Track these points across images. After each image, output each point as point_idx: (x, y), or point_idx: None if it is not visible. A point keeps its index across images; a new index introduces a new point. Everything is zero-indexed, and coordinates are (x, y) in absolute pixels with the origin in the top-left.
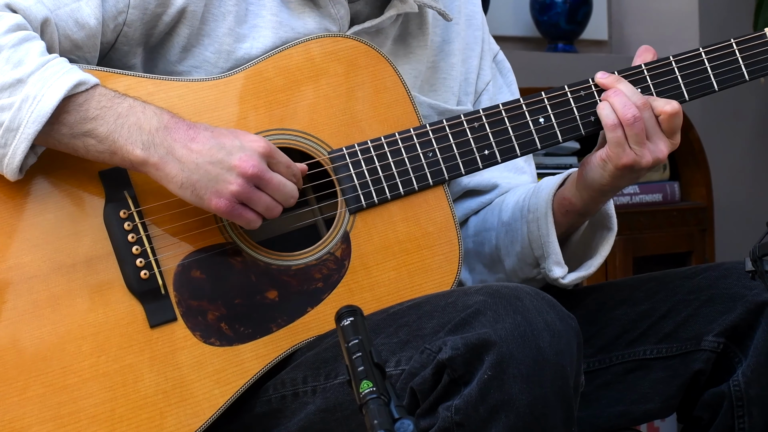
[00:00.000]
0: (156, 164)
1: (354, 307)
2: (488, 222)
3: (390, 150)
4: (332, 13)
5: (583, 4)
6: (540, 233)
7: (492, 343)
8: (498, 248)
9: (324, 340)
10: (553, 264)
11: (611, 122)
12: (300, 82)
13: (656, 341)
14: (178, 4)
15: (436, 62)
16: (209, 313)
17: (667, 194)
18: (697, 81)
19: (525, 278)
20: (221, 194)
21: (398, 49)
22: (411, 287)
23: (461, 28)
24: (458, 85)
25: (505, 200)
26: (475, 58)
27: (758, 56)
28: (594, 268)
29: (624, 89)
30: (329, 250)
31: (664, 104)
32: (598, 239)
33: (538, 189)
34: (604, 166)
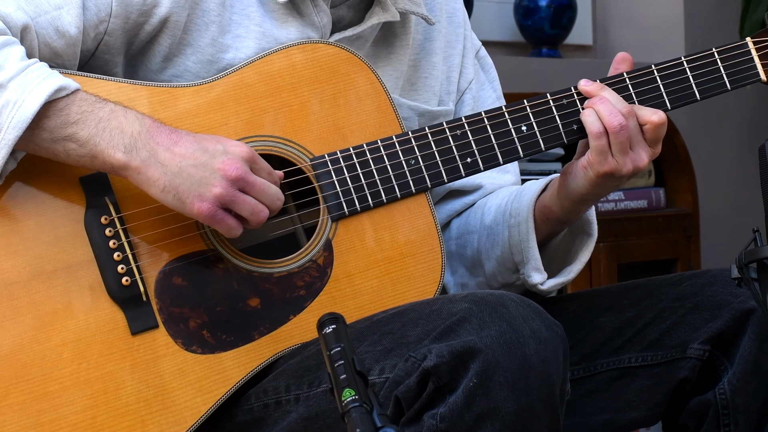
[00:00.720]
0: (137, 168)
1: (336, 314)
2: (471, 224)
3: (372, 157)
4: (315, 21)
5: (567, 8)
6: (520, 238)
7: (477, 351)
8: (479, 251)
9: (307, 348)
10: (532, 270)
11: (596, 130)
12: (281, 89)
13: (641, 349)
14: (160, 13)
15: (417, 61)
16: (191, 321)
17: (653, 200)
18: (679, 90)
19: (504, 283)
20: (204, 197)
21: (380, 51)
22: (394, 295)
23: (442, 26)
24: (439, 84)
25: (487, 203)
26: (457, 56)
27: (740, 65)
28: (573, 275)
29: (609, 97)
30: (311, 257)
31: (651, 114)
32: (578, 245)
33: (521, 194)
34: (586, 173)
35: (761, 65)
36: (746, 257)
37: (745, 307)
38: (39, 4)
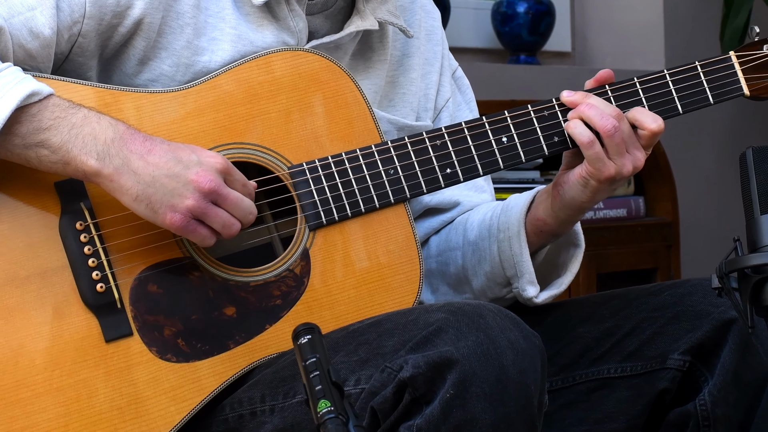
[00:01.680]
0: (110, 175)
1: (311, 324)
2: (452, 241)
3: (351, 166)
4: (291, 25)
5: (545, 15)
6: (512, 252)
7: (454, 362)
8: (465, 268)
9: (282, 359)
10: (527, 283)
11: (586, 140)
12: (260, 96)
13: (620, 359)
14: (134, 15)
15: (395, 77)
16: (166, 329)
17: (632, 209)
18: (662, 104)
19: (494, 297)
20: (176, 209)
21: (358, 64)
22: (371, 306)
23: (421, 42)
24: (417, 101)
25: (469, 219)
26: (435, 74)
27: (723, 79)
28: (565, 286)
29: (596, 102)
30: (288, 266)
31: (651, 121)
32: (565, 256)
33: (507, 207)
34: (586, 183)
35: (744, 79)
36: (727, 267)
37: (725, 317)
38: (12, 5)
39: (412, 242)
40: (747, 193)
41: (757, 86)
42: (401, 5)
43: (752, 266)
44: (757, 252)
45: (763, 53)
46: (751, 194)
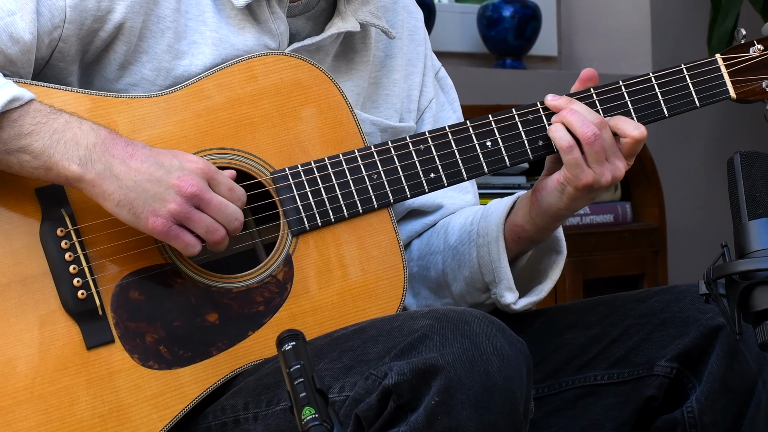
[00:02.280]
0: (92, 180)
1: (296, 331)
2: (433, 245)
3: (334, 171)
4: (272, 28)
5: (531, 19)
6: (491, 258)
7: (439, 368)
8: (445, 272)
9: (265, 366)
10: (505, 290)
11: (566, 144)
12: (242, 101)
13: (607, 366)
14: (115, 20)
15: (379, 78)
16: (148, 336)
17: (619, 215)
18: (647, 107)
19: (473, 303)
20: (158, 213)
21: (340, 65)
22: (355, 312)
23: (404, 43)
24: (400, 102)
25: (450, 223)
26: (418, 75)
27: (709, 83)
28: (545, 293)
29: (579, 108)
30: (271, 272)
31: (633, 129)
32: (546, 263)
33: (488, 213)
34: (563, 189)
35: (731, 82)
36: (714, 273)
37: (713, 323)
38: None
39: (396, 248)
40: (735, 198)
41: (744, 89)
42: (383, 5)
43: (740, 272)
44: (744, 258)
45: (749, 56)
46: (738, 200)
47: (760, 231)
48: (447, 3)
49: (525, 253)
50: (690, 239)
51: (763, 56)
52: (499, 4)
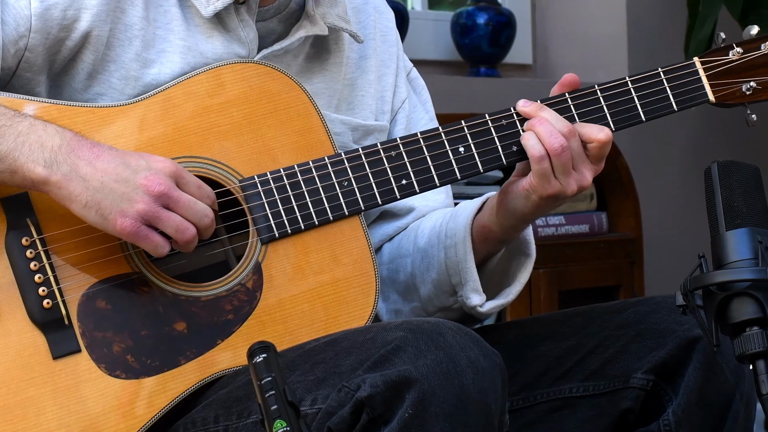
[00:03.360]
0: (58, 182)
1: (267, 343)
2: (403, 248)
3: (303, 178)
4: (241, 36)
5: (506, 26)
6: (458, 259)
7: (413, 381)
8: (413, 275)
9: (236, 378)
10: (471, 291)
11: (537, 154)
12: (210, 109)
13: (583, 378)
14: (81, 28)
15: (354, 79)
16: (115, 345)
17: (594, 225)
18: (624, 111)
19: (441, 307)
20: (126, 214)
21: (313, 66)
22: (325, 320)
23: (377, 44)
24: (375, 103)
25: (420, 225)
26: (391, 75)
27: (687, 86)
28: (513, 296)
29: (549, 117)
30: (240, 281)
31: (597, 132)
32: (515, 266)
33: (456, 213)
34: (528, 196)
35: (709, 86)
36: (691, 284)
37: (690, 335)
38: None
39: (368, 255)
40: (712, 208)
41: (723, 92)
42: (354, 6)
43: (717, 283)
44: (722, 269)
45: (728, 59)
46: (716, 210)
47: (737, 241)
48: (420, 10)
49: (494, 254)
50: (667, 250)
51: (743, 59)
52: (473, 11)
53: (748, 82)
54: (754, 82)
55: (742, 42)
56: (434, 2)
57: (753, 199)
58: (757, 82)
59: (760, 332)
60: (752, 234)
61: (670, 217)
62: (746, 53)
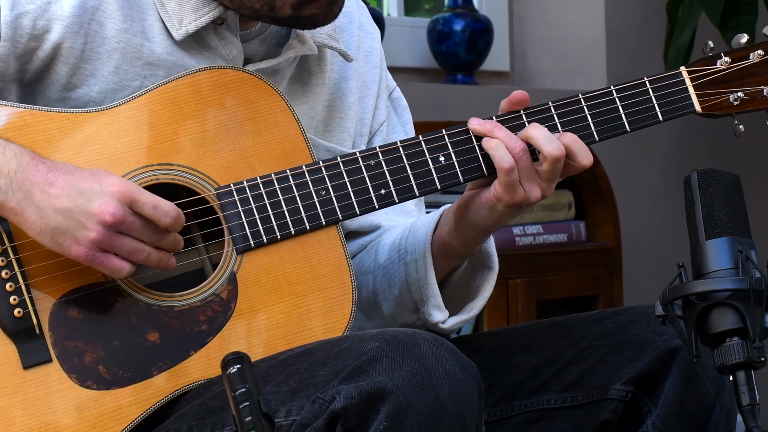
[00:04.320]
0: (13, 209)
1: (241, 354)
2: (365, 265)
3: (280, 187)
4: (224, 54)
5: (483, 33)
6: (418, 276)
7: (388, 392)
8: (375, 293)
9: (210, 389)
10: (433, 308)
11: (508, 165)
12: (187, 115)
13: (561, 390)
14: (52, 39)
15: (333, 101)
16: (86, 355)
17: (573, 234)
18: (608, 121)
19: (404, 324)
20: (80, 242)
21: (296, 89)
22: (301, 332)
23: (359, 65)
24: (354, 126)
25: (381, 241)
26: (372, 98)
27: (673, 96)
28: (476, 311)
29: (503, 134)
30: (214, 291)
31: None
32: (479, 279)
33: (415, 228)
34: (493, 207)
35: (696, 96)
36: (671, 294)
37: (669, 346)
38: None
39: (345, 266)
40: (692, 217)
41: (710, 102)
42: (338, 26)
43: (697, 293)
44: (702, 278)
45: (716, 68)
46: (696, 219)
47: (717, 251)
48: (396, 17)
49: (457, 269)
50: (646, 259)
51: (731, 69)
52: (449, 17)
53: (736, 92)
54: (742, 93)
55: (731, 51)
56: (410, 8)
57: (733, 208)
58: (745, 93)
59: (740, 343)
60: (732, 243)
61: (650, 227)
62: (734, 63)
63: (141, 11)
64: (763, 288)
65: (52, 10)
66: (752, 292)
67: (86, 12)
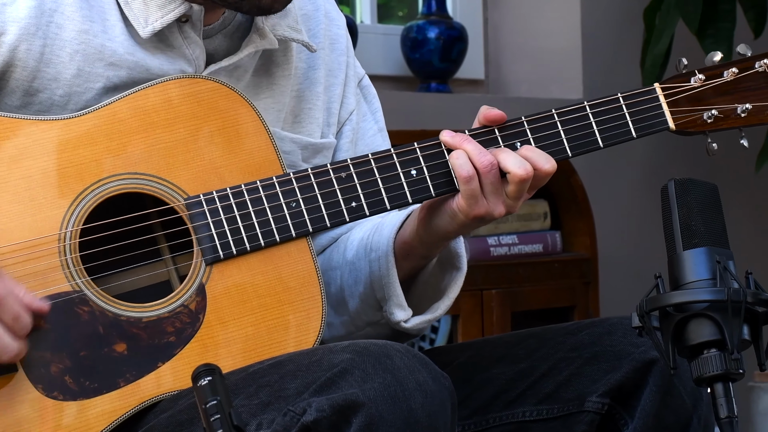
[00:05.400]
0: None
1: (212, 365)
2: (333, 260)
3: (250, 198)
4: (187, 53)
5: (457, 41)
6: (381, 274)
7: (360, 404)
8: (342, 289)
9: (178, 401)
10: (395, 306)
11: (466, 174)
12: (156, 125)
13: (536, 402)
14: (8, 42)
15: (301, 91)
16: (53, 365)
17: (548, 244)
18: (581, 137)
19: (369, 322)
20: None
21: (261, 81)
22: (270, 344)
23: (325, 53)
24: (322, 116)
25: (350, 236)
26: (339, 86)
27: (647, 113)
28: (441, 311)
29: (471, 147)
30: (183, 302)
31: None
32: (447, 280)
33: (381, 226)
34: (454, 216)
35: (670, 113)
36: (648, 305)
37: (646, 357)
38: None
39: (315, 278)
40: (669, 227)
41: (683, 120)
42: (304, 13)
43: (674, 304)
44: (679, 289)
45: (690, 86)
46: (673, 229)
47: (695, 261)
48: (369, 24)
49: (422, 268)
50: (622, 270)
51: (705, 86)
52: (423, 25)
53: (709, 110)
54: (716, 110)
55: (705, 68)
56: (384, 16)
57: (711, 218)
58: (719, 110)
59: (718, 354)
60: (710, 254)
61: (626, 237)
62: (708, 80)
63: (102, 11)
64: (741, 299)
65: (8, 12)
66: (730, 303)
67: (43, 14)
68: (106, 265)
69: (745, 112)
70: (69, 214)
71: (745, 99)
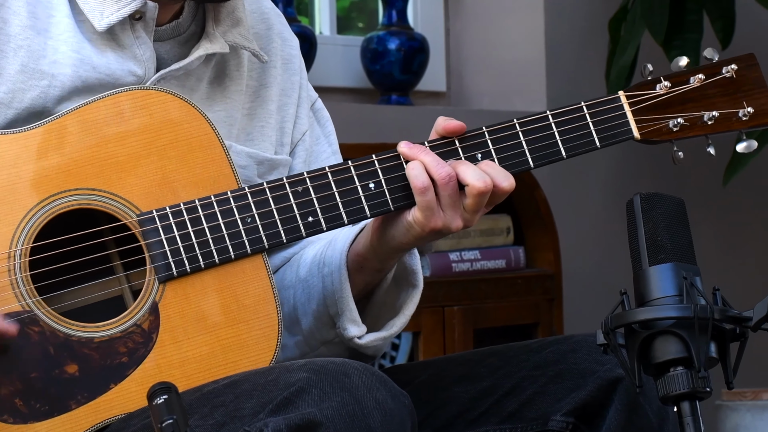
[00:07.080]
0: None
1: (168, 384)
2: (286, 279)
3: (204, 214)
4: (137, 54)
5: (419, 52)
6: (334, 288)
7: (318, 424)
8: (295, 308)
9: (130, 422)
10: (348, 322)
11: (421, 185)
12: (108, 139)
13: (499, 421)
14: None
15: (253, 108)
16: (3, 388)
17: (511, 260)
18: (544, 147)
19: (323, 340)
20: None
21: (215, 92)
22: (225, 364)
23: (278, 72)
24: (275, 134)
25: (304, 254)
26: (292, 106)
27: (611, 122)
28: (397, 329)
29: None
30: (135, 321)
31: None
32: (404, 297)
33: (335, 240)
34: (410, 227)
35: (634, 122)
36: (613, 322)
37: (611, 375)
38: None
39: (270, 296)
40: (634, 242)
41: (648, 129)
42: (256, 32)
43: (640, 321)
44: (645, 306)
45: (655, 93)
46: (638, 244)
47: (661, 277)
48: (329, 35)
49: (376, 284)
50: (587, 286)
51: (671, 94)
52: (384, 36)
53: (675, 118)
54: (682, 119)
55: (670, 75)
56: (343, 27)
57: (677, 233)
58: (685, 119)
59: (684, 372)
60: (676, 269)
61: (591, 252)
62: (674, 87)
63: (49, 7)
64: (709, 316)
65: None
66: (697, 320)
67: None
68: (59, 283)
69: (711, 119)
70: (19, 232)
71: (711, 106)
